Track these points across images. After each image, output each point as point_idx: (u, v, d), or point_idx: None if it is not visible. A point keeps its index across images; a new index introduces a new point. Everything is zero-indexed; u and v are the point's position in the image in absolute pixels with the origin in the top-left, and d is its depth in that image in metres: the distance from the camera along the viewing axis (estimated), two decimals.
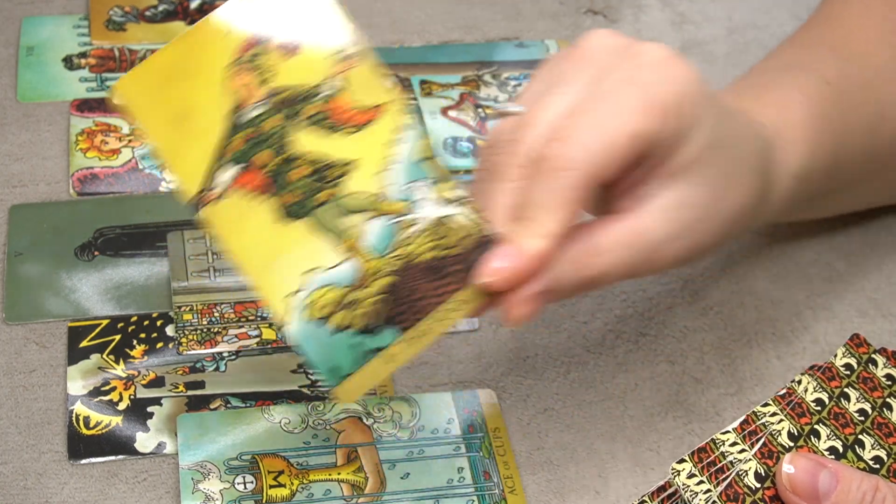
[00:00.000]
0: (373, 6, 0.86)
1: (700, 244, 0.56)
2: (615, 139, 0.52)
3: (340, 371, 0.51)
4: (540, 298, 0.52)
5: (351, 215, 0.52)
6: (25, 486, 0.58)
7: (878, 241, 0.74)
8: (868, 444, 0.55)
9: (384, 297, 0.51)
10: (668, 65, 0.54)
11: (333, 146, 0.52)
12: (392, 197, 0.52)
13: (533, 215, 0.52)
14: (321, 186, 0.51)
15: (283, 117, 0.52)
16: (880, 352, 0.59)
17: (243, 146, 0.51)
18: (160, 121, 0.50)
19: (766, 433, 0.55)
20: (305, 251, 0.51)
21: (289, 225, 0.51)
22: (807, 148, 0.62)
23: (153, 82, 0.51)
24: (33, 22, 0.82)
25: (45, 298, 0.66)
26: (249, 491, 0.58)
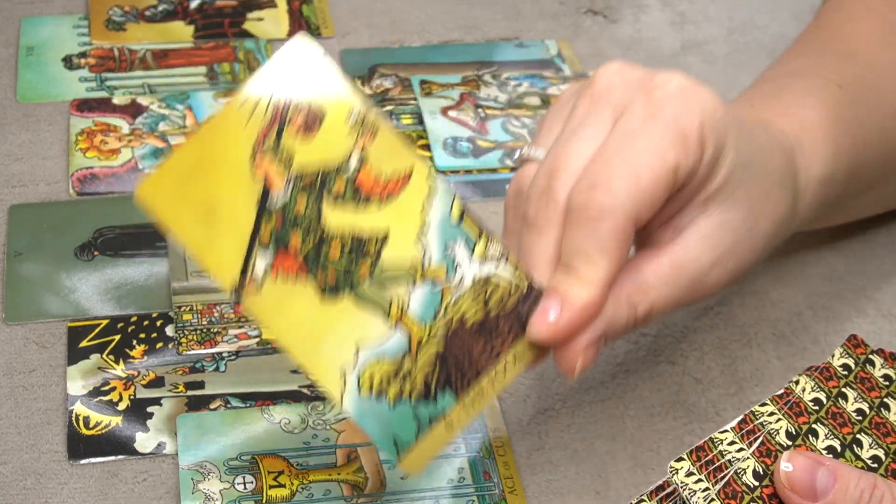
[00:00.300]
0: (373, 6, 0.86)
1: (743, 265, 0.57)
2: (651, 179, 0.52)
3: (402, 443, 0.51)
4: (595, 345, 0.52)
5: (393, 286, 0.51)
6: (25, 487, 0.58)
7: (878, 241, 0.74)
8: (866, 443, 0.55)
9: (437, 364, 0.51)
10: (688, 94, 0.54)
11: (365, 219, 0.51)
12: (431, 262, 0.52)
13: (579, 265, 0.51)
14: (359, 261, 0.51)
15: (312, 199, 0.51)
16: (878, 352, 0.59)
17: (275, 233, 0.51)
18: (188, 218, 0.50)
19: (764, 432, 0.55)
20: (352, 327, 0.51)
21: (332, 304, 0.51)
22: (829, 151, 0.62)
23: (177, 180, 0.50)
24: (33, 22, 0.82)
25: (44, 298, 0.66)
26: (249, 491, 0.58)
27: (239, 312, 0.66)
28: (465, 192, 0.74)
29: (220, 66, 0.80)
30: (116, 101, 0.77)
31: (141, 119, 0.76)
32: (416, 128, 0.77)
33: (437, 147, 0.76)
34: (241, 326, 0.65)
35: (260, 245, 0.51)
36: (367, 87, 0.80)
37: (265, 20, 0.84)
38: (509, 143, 0.77)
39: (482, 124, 0.78)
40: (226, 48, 0.81)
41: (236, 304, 0.50)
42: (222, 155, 0.51)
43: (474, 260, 0.52)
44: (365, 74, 0.80)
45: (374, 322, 0.51)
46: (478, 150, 0.76)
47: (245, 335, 0.65)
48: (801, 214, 0.61)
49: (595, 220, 0.51)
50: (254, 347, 0.64)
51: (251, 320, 0.51)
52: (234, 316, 0.66)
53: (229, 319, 0.65)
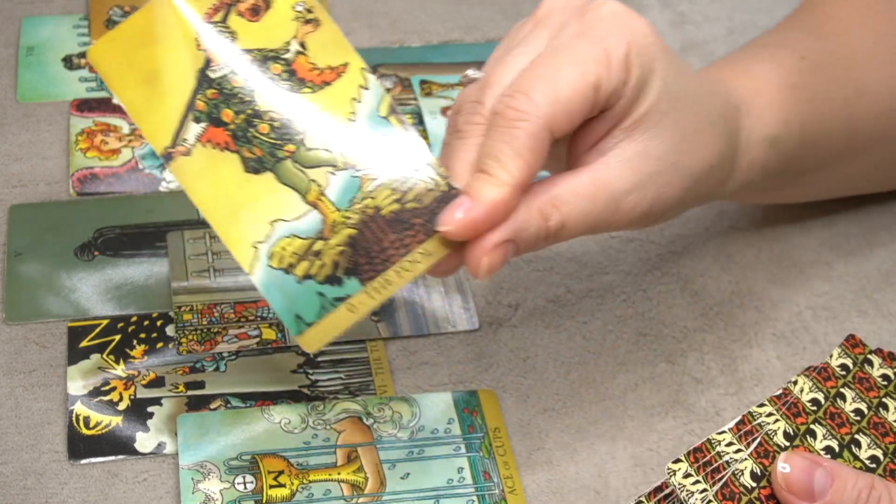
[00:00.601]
0: (373, 6, 0.86)
1: (661, 198, 0.57)
2: (570, 91, 0.53)
3: (304, 319, 0.52)
4: (504, 248, 0.53)
5: (314, 169, 0.53)
6: (25, 486, 0.58)
7: (878, 241, 0.74)
8: (864, 443, 0.55)
9: (347, 248, 0.52)
10: (620, 18, 0.55)
11: (296, 104, 0.53)
12: (358, 147, 0.53)
13: (490, 166, 0.53)
14: (283, 142, 0.53)
15: (249, 75, 0.53)
16: (876, 352, 0.59)
17: (209, 103, 0.53)
18: (132, 81, 0.53)
19: (761, 433, 0.55)
20: (270, 203, 0.52)
21: (253, 178, 0.53)
22: (776, 115, 0.63)
23: (126, 46, 0.53)
24: (33, 22, 0.82)
25: (44, 298, 0.66)
26: (249, 491, 0.58)
27: (240, 312, 0.66)
28: None
29: None
30: (116, 101, 0.77)
31: None
32: (416, 127, 0.77)
33: (436, 147, 0.76)
34: (241, 326, 0.65)
35: (194, 112, 0.53)
36: None
37: None
38: None
39: None
40: None
41: (164, 166, 0.52)
42: (171, 25, 0.53)
43: (397, 152, 0.53)
44: None
45: (292, 200, 0.53)
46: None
47: (245, 335, 0.65)
48: (742, 174, 0.62)
49: (511, 125, 0.53)
50: (254, 347, 0.64)
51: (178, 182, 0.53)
52: (235, 316, 0.66)
53: (229, 319, 0.65)
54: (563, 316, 0.68)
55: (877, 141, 0.68)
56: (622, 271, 0.71)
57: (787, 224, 0.74)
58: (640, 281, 0.70)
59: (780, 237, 0.74)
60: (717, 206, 0.75)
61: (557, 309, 0.68)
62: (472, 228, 0.52)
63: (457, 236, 0.53)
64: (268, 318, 0.66)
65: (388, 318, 0.67)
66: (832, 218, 0.75)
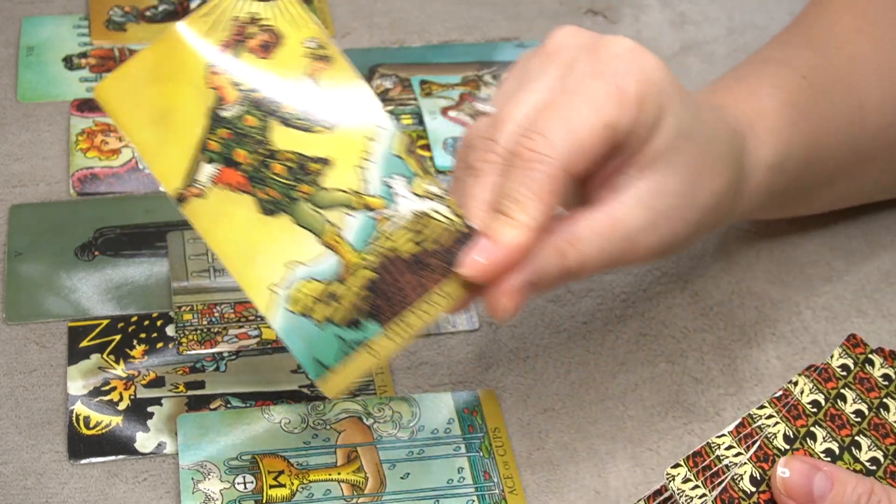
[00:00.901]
0: (373, 6, 0.86)
1: (676, 234, 0.57)
2: (587, 131, 0.53)
3: (323, 364, 0.52)
4: (523, 291, 0.53)
5: (330, 210, 0.52)
6: (26, 486, 0.58)
7: (878, 241, 0.74)
8: (865, 445, 0.55)
9: (366, 291, 0.52)
10: (634, 56, 0.55)
11: (310, 143, 0.53)
12: (370, 191, 0.53)
13: (510, 208, 0.53)
14: (299, 183, 0.52)
15: (261, 116, 0.53)
16: (877, 351, 0.59)
17: (222, 144, 0.52)
18: (142, 121, 0.52)
19: (761, 436, 0.54)
20: (286, 245, 0.52)
21: (269, 220, 0.52)
22: (780, 138, 0.63)
23: (135, 83, 0.52)
24: (33, 22, 0.82)
25: (45, 298, 0.66)
26: (249, 491, 0.58)
27: (240, 312, 0.66)
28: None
29: None
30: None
31: None
32: (416, 128, 0.78)
33: (436, 147, 0.76)
34: (242, 326, 0.65)
35: (207, 153, 0.52)
36: None
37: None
38: None
39: None
40: None
41: (178, 207, 0.52)
42: (180, 63, 0.52)
43: (413, 194, 0.53)
44: (365, 74, 0.80)
45: (309, 242, 0.52)
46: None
47: (245, 335, 0.65)
48: (749, 198, 0.62)
49: (530, 166, 0.53)
50: (254, 347, 0.64)
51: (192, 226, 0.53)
52: (235, 316, 0.66)
53: (229, 319, 0.65)
54: (563, 316, 0.68)
55: (881, 151, 0.68)
56: (622, 271, 0.71)
57: (787, 224, 0.74)
58: (640, 281, 0.70)
59: (780, 237, 0.74)
60: None
61: (557, 309, 0.68)
62: (492, 272, 0.52)
63: (477, 279, 0.52)
64: None
65: None
66: (832, 218, 0.75)
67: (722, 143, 0.59)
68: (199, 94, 0.52)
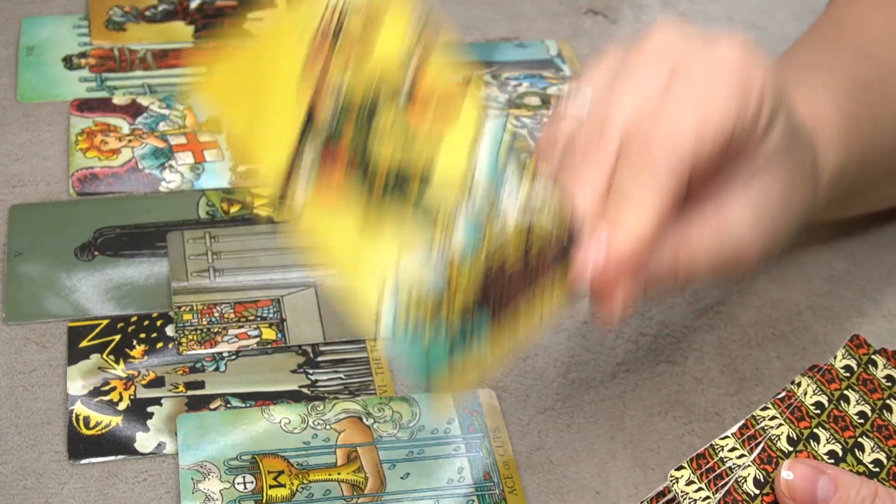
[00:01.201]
0: None
1: (775, 243, 0.56)
2: (713, 126, 0.51)
3: (434, 376, 0.50)
4: (633, 297, 0.52)
5: (436, 215, 0.50)
6: (25, 486, 0.58)
7: (878, 240, 0.74)
8: (868, 447, 0.55)
9: (474, 302, 0.50)
10: (750, 53, 0.53)
11: (414, 146, 0.51)
12: (478, 193, 0.51)
13: (626, 212, 0.50)
14: (405, 188, 0.50)
15: (358, 127, 0.50)
16: (880, 352, 0.59)
17: (326, 144, 0.50)
18: (242, 117, 0.51)
19: (765, 438, 0.54)
20: (392, 261, 0.50)
21: (373, 235, 0.50)
22: (840, 146, 0.62)
23: (234, 80, 0.51)
24: (33, 22, 0.82)
25: (44, 298, 0.66)
26: (249, 491, 0.58)
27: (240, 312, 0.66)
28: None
29: None
30: (116, 101, 0.77)
31: (141, 119, 0.76)
32: None
33: None
34: (241, 326, 0.65)
35: (310, 156, 0.50)
36: None
37: (265, 20, 0.84)
38: None
39: None
40: None
41: (279, 213, 0.49)
42: (273, 68, 0.50)
43: (522, 192, 0.51)
44: None
45: (415, 256, 0.50)
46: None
47: (245, 335, 0.65)
48: (815, 207, 0.61)
49: (655, 159, 0.50)
50: (254, 347, 0.64)
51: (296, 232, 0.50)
52: (235, 316, 0.66)
53: (229, 319, 0.65)
54: (562, 315, 0.68)
55: None
56: None
57: None
58: None
59: None
60: None
61: None
62: (605, 280, 0.50)
63: (589, 285, 0.51)
64: (267, 318, 0.66)
65: None
66: None
67: (809, 148, 0.58)
68: (290, 105, 0.50)
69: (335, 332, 0.65)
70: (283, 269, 0.68)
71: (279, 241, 0.70)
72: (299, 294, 0.67)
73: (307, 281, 0.68)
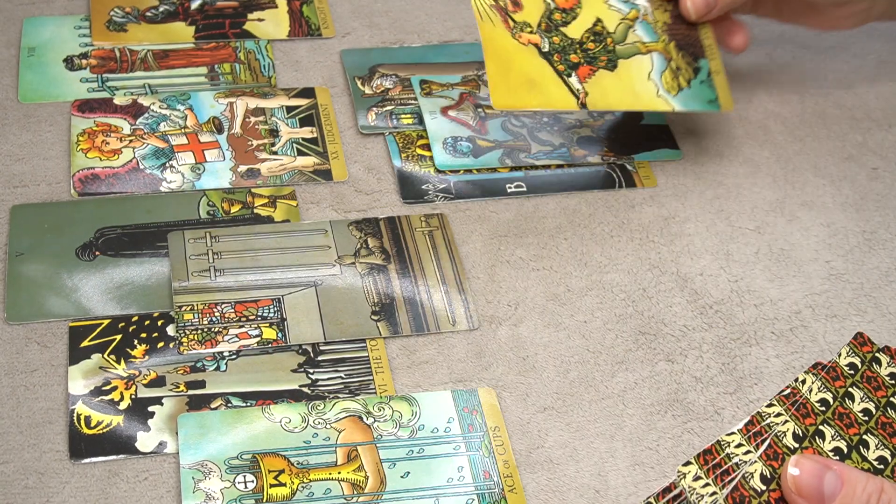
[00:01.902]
0: (373, 6, 0.86)
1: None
2: None
3: (713, 101, 0.76)
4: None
5: (629, 39, 0.77)
6: (27, 486, 0.58)
7: (877, 239, 0.74)
8: (872, 444, 0.55)
9: (680, 48, 0.77)
10: None
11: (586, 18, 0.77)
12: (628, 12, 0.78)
13: None
14: (604, 42, 0.76)
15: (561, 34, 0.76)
16: (884, 350, 0.59)
17: (566, 62, 0.74)
18: (529, 98, 0.73)
19: (771, 434, 0.55)
20: (638, 73, 0.75)
21: (619, 70, 0.75)
22: None
23: (505, 82, 0.72)
24: (34, 22, 0.82)
25: (46, 298, 0.66)
26: (250, 490, 0.58)
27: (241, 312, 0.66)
28: (470, 191, 0.74)
29: (220, 66, 0.80)
30: (117, 101, 0.77)
31: (142, 119, 0.76)
32: (416, 127, 0.78)
33: (436, 146, 0.76)
34: (242, 326, 0.65)
35: (565, 74, 0.74)
36: (367, 87, 0.80)
37: (266, 21, 0.84)
38: (509, 143, 0.77)
39: (482, 124, 0.78)
40: (226, 49, 0.81)
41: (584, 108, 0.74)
42: (502, 47, 0.73)
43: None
44: (365, 74, 0.81)
45: (642, 59, 0.76)
46: (477, 149, 0.76)
47: (246, 335, 0.65)
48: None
49: None
50: (254, 347, 0.65)
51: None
52: (235, 315, 0.66)
53: (230, 319, 0.66)
54: (562, 315, 0.68)
55: None
56: (622, 270, 0.71)
57: (787, 223, 0.74)
58: (639, 280, 0.70)
59: (779, 236, 0.74)
60: (715, 204, 0.75)
61: (557, 308, 0.68)
62: None
63: None
64: (268, 317, 0.66)
65: (388, 317, 0.67)
66: (831, 216, 0.75)
67: None
68: (527, 53, 0.73)
69: (335, 332, 0.66)
70: (284, 269, 0.68)
71: (279, 241, 0.70)
72: (300, 293, 0.67)
73: (308, 280, 0.68)
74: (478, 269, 0.70)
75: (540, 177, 0.76)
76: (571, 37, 0.75)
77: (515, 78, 0.72)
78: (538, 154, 0.77)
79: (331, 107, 0.78)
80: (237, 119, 0.77)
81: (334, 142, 0.76)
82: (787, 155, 0.79)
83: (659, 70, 0.76)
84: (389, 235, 0.71)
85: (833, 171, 0.78)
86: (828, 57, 0.87)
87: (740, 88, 0.83)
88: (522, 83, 0.72)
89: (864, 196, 0.77)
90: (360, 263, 0.69)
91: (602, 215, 0.74)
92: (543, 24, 0.75)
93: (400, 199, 0.73)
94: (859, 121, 0.82)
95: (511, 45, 0.73)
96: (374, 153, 0.76)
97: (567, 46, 0.75)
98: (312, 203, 0.73)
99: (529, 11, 0.75)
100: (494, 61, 0.72)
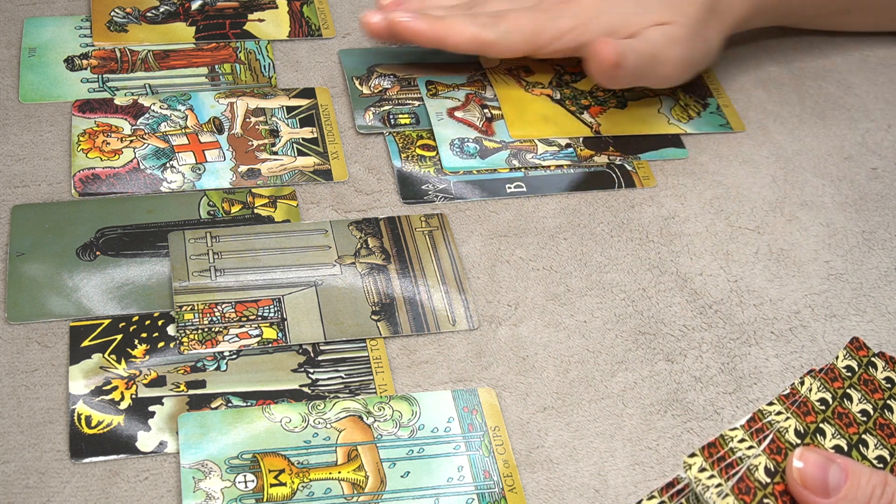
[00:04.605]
0: (373, 6, 0.86)
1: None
2: None
3: (726, 124, 0.81)
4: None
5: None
6: (27, 486, 0.58)
7: (877, 239, 0.74)
8: (871, 444, 0.56)
9: None
10: None
11: None
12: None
13: None
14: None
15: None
16: (879, 356, 0.59)
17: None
18: (544, 129, 0.78)
19: (773, 430, 0.55)
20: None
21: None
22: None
23: (520, 119, 0.78)
24: (35, 23, 0.82)
25: (46, 298, 0.66)
26: (250, 490, 0.59)
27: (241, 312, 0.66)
28: (469, 191, 0.74)
29: (221, 66, 0.80)
30: (118, 101, 0.77)
31: (143, 120, 0.76)
32: (414, 128, 0.78)
33: (444, 148, 0.76)
34: (242, 326, 0.65)
35: (578, 112, 0.80)
36: (366, 87, 0.80)
37: (266, 21, 0.84)
38: (515, 144, 0.77)
39: (488, 125, 0.78)
40: (227, 49, 0.82)
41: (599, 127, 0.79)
42: (517, 97, 0.80)
43: None
44: (363, 74, 0.81)
45: (651, 100, 0.82)
46: (484, 150, 0.76)
47: (246, 334, 0.65)
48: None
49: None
50: (255, 347, 0.65)
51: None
52: (236, 315, 0.66)
53: (230, 319, 0.66)
54: (562, 314, 0.68)
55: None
56: (621, 270, 0.71)
57: (786, 223, 0.74)
58: (639, 280, 0.70)
59: (779, 235, 0.74)
60: (715, 204, 0.75)
61: (557, 307, 0.69)
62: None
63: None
64: (268, 317, 0.66)
65: (388, 317, 0.67)
66: (830, 216, 0.75)
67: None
68: (533, 97, 0.80)
69: (336, 332, 0.66)
70: (284, 269, 0.68)
71: (280, 241, 0.70)
72: (300, 293, 0.67)
73: (308, 280, 0.68)
74: (478, 269, 0.70)
75: (540, 177, 0.76)
76: (581, 89, 0.81)
77: (531, 116, 0.79)
78: (545, 154, 0.77)
79: (331, 107, 0.79)
80: (237, 119, 0.77)
81: (334, 142, 0.76)
82: (787, 155, 0.79)
83: (668, 107, 0.81)
84: (389, 235, 0.71)
85: (832, 171, 0.78)
86: (828, 57, 0.87)
87: (740, 89, 0.84)
88: (537, 119, 0.79)
89: (864, 196, 0.77)
90: (360, 263, 0.69)
91: (602, 215, 0.74)
92: (555, 83, 0.81)
93: (400, 199, 0.74)
94: (859, 121, 0.82)
95: (525, 96, 0.80)
96: (374, 153, 0.76)
97: (578, 95, 0.80)
98: (312, 203, 0.73)
99: (541, 76, 0.81)
100: (509, 105, 0.79)
